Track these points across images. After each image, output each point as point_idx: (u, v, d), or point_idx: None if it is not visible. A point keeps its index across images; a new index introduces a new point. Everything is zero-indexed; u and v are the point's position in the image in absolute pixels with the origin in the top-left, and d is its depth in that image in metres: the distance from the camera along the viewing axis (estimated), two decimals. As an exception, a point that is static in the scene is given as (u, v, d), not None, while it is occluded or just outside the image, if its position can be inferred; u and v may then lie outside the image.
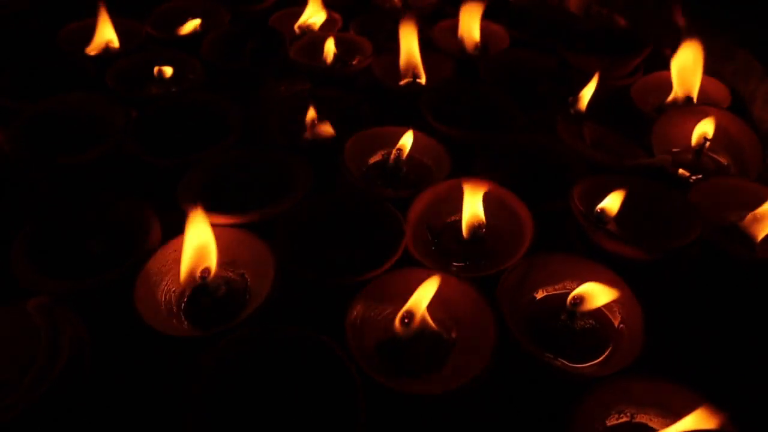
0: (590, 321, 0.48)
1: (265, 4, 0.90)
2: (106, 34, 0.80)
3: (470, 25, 0.81)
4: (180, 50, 0.79)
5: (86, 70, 0.75)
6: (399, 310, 0.47)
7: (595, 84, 0.68)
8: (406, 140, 0.61)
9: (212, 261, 0.51)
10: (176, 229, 0.54)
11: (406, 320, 0.46)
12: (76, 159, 0.61)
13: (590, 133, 0.69)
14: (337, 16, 0.88)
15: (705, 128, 0.64)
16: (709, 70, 0.73)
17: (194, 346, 0.46)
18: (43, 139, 0.65)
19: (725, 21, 0.72)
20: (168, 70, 0.74)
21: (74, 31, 0.81)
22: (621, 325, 0.48)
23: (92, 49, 0.79)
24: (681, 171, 0.65)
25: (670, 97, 0.72)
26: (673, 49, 0.71)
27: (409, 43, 0.74)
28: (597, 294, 0.47)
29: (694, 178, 0.63)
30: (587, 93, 0.68)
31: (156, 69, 0.74)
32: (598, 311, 0.49)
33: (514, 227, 0.56)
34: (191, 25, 0.85)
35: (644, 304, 0.47)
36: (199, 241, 0.51)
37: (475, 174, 0.58)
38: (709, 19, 0.72)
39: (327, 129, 0.66)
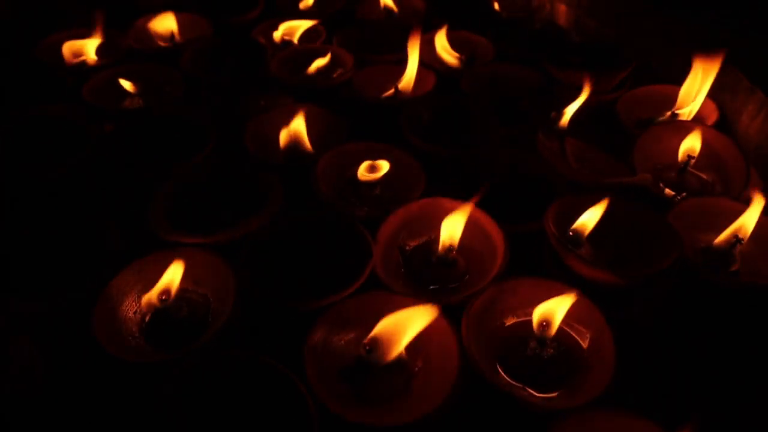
0: (560, 349, 0.47)
1: (248, 17, 0.89)
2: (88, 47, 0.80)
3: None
4: (161, 63, 0.79)
5: (64, 82, 0.74)
6: (363, 335, 0.46)
7: (583, 100, 0.66)
8: (377, 161, 0.60)
9: (174, 285, 0.50)
10: (143, 248, 0.53)
11: (368, 348, 0.45)
12: (45, 173, 0.60)
13: (572, 149, 0.67)
14: (320, 27, 0.87)
15: (690, 144, 0.63)
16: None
17: (150, 370, 0.45)
18: (16, 152, 0.65)
19: (713, 35, 0.70)
20: (127, 85, 0.73)
21: (54, 42, 0.80)
22: (592, 354, 0.46)
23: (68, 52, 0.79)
24: (667, 191, 0.63)
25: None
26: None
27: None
28: (556, 308, 0.45)
29: (678, 197, 0.61)
30: (572, 109, 0.66)
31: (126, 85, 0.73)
32: (570, 339, 0.48)
33: (487, 249, 0.54)
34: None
35: (617, 332, 0.46)
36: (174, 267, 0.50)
37: (450, 192, 0.57)
38: (697, 33, 0.70)
39: (304, 146, 0.65)
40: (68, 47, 0.78)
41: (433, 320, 0.44)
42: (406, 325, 0.44)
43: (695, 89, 0.68)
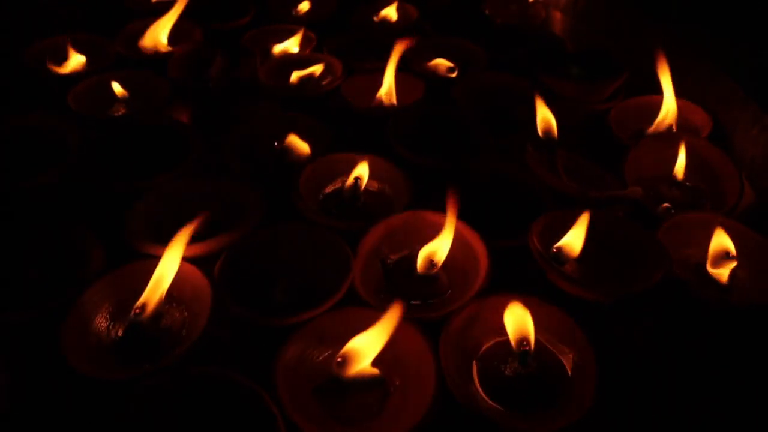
0: (542, 369, 0.45)
1: (239, 23, 0.88)
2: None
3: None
4: (149, 69, 0.78)
5: (50, 89, 0.73)
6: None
7: (544, 108, 0.65)
8: (362, 169, 0.59)
9: (155, 298, 0.48)
10: (120, 260, 0.52)
11: (339, 360, 0.43)
12: (20, 185, 0.59)
13: (563, 161, 0.66)
14: (311, 34, 0.86)
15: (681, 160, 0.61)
16: (692, 95, 0.71)
17: (120, 386, 0.43)
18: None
19: (708, 45, 0.69)
20: (117, 87, 0.72)
21: (40, 49, 0.79)
22: (575, 375, 0.45)
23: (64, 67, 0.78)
24: (664, 205, 0.62)
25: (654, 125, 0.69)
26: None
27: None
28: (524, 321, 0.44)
29: (672, 211, 0.60)
30: (543, 118, 0.65)
31: (117, 89, 0.72)
32: (552, 358, 0.46)
33: (470, 264, 0.53)
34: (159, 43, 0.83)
35: (601, 351, 0.44)
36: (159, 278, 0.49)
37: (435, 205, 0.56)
38: (693, 43, 0.69)
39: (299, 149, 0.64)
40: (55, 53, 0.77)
41: (397, 327, 0.43)
42: (376, 338, 0.43)
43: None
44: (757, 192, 0.62)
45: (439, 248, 0.51)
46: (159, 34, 0.81)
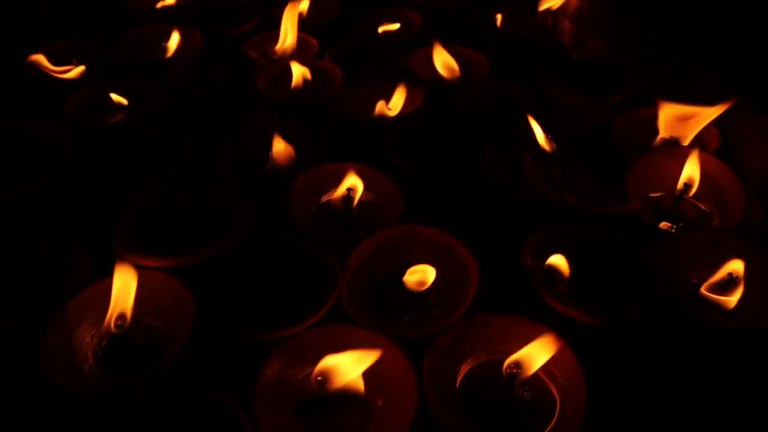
0: (531, 393, 0.44)
1: (242, 29, 0.88)
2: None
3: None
4: (150, 75, 0.77)
5: (48, 95, 0.73)
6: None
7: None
8: (352, 180, 0.57)
9: (128, 307, 0.48)
10: (108, 270, 0.52)
11: (319, 378, 0.42)
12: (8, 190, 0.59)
13: (564, 173, 0.64)
14: (313, 41, 0.86)
15: (690, 172, 0.59)
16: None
17: (99, 399, 0.43)
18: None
19: (717, 57, 0.67)
20: (115, 97, 0.72)
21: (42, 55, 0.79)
22: (564, 402, 0.43)
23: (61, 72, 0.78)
24: (663, 224, 0.59)
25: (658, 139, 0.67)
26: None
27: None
28: (534, 356, 0.42)
29: (674, 229, 0.58)
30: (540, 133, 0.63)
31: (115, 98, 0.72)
32: (541, 383, 0.44)
33: (462, 280, 0.51)
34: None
35: (593, 375, 0.42)
36: (122, 287, 0.48)
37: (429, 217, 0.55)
38: (701, 54, 0.67)
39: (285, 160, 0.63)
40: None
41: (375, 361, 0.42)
42: (353, 363, 0.41)
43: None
44: (765, 210, 0.59)
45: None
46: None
